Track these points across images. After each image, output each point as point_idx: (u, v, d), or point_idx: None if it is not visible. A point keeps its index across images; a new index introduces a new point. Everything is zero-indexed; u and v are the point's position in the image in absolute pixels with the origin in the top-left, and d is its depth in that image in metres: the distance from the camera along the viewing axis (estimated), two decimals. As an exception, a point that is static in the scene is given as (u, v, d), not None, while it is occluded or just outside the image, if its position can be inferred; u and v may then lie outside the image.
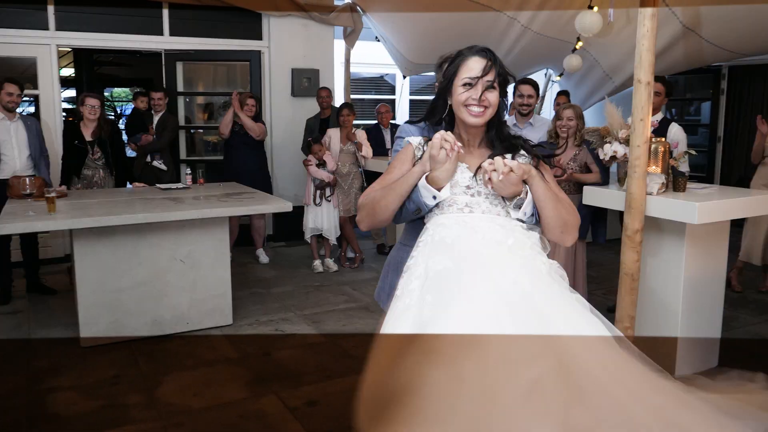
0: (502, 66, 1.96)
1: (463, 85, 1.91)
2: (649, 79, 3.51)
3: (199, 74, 7.38)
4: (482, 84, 1.89)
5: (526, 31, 6.99)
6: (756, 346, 4.32)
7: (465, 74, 1.91)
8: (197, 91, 7.50)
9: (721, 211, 3.54)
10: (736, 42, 6.43)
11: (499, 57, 2.04)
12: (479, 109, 1.90)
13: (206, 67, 7.30)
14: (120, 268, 4.25)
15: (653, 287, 3.83)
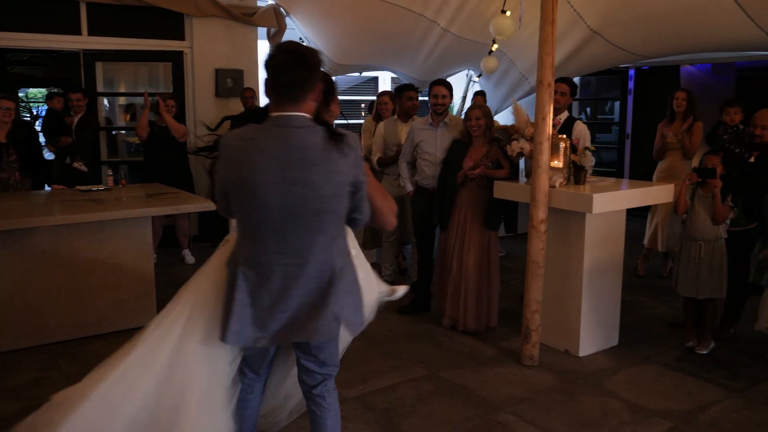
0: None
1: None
2: (549, 80, 3.80)
3: (119, 74, 7.29)
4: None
5: (446, 34, 7.27)
6: (655, 327, 4.70)
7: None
8: (118, 91, 7.40)
9: (615, 202, 3.88)
10: (639, 45, 6.90)
11: (420, 60, 2.44)
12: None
13: (127, 68, 7.22)
14: (39, 271, 4.21)
15: (558, 274, 4.13)
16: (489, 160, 4.36)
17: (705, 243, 4.05)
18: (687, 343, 4.24)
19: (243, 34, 7.08)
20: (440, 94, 4.56)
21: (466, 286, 4.40)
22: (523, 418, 3.33)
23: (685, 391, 3.64)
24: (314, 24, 7.35)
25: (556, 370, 3.92)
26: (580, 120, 5.02)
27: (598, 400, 3.54)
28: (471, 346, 4.31)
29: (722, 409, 3.43)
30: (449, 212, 4.45)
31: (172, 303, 2.40)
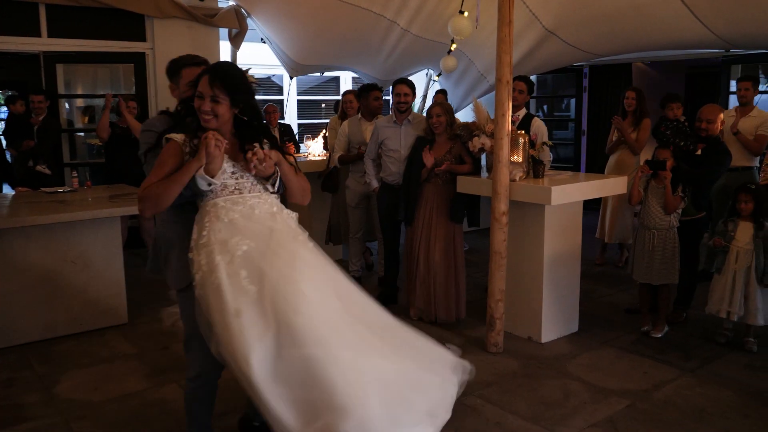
0: (228, 82, 2.37)
1: (196, 96, 2.37)
2: (508, 78, 3.97)
3: (80, 76, 7.23)
4: (207, 98, 2.34)
5: (406, 34, 7.42)
6: (612, 313, 4.92)
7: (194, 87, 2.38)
8: (79, 93, 7.34)
9: (572, 194, 4.07)
10: (592, 44, 7.17)
11: (381, 59, 2.63)
12: (208, 116, 2.36)
13: (88, 70, 7.17)
14: (7, 273, 4.20)
15: (520, 264, 4.30)
16: (452, 156, 4.52)
17: (658, 231, 4.27)
18: (642, 327, 4.47)
19: (205, 35, 7.09)
20: (403, 93, 4.70)
21: (434, 279, 4.54)
22: (490, 400, 3.49)
23: (641, 372, 3.85)
24: (275, 25, 7.41)
25: (520, 355, 4.09)
26: (538, 117, 5.21)
27: (559, 382, 3.72)
28: (439, 336, 4.36)
29: (676, 387, 3.65)
30: (414, 207, 4.59)
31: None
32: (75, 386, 3.70)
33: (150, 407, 3.44)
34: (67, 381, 3.77)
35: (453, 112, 4.60)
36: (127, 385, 3.70)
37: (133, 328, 4.63)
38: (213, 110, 2.34)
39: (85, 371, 3.91)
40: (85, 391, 3.63)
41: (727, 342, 4.24)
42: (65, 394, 3.61)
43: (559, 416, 3.32)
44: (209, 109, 2.33)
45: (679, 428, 3.20)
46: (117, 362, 4.04)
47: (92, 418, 3.33)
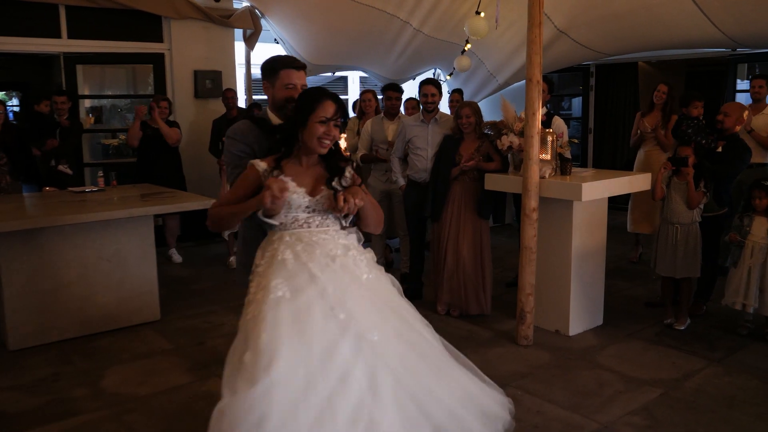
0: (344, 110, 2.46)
1: (319, 122, 2.34)
2: (538, 78, 4.08)
3: (99, 77, 7.28)
4: (332, 123, 2.37)
5: (418, 34, 7.52)
6: (633, 307, 5.05)
7: (321, 114, 2.35)
8: (99, 94, 7.39)
9: (601, 190, 4.19)
10: (602, 44, 7.31)
11: (392, 59, 2.67)
12: (328, 142, 2.39)
13: (107, 70, 7.22)
14: (46, 271, 4.26)
15: (548, 258, 4.41)
16: (480, 154, 4.62)
17: (681, 226, 4.40)
18: (665, 320, 4.59)
19: (220, 35, 7.17)
20: (430, 93, 4.80)
21: (463, 274, 4.64)
22: (528, 391, 3.59)
23: (670, 362, 3.97)
24: (289, 25, 7.49)
25: (550, 348, 4.21)
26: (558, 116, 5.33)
27: (592, 372, 3.84)
28: (468, 330, 4.56)
29: (705, 376, 3.77)
30: (442, 204, 4.69)
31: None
32: (120, 380, 3.77)
33: (200, 400, 3.51)
34: (112, 375, 3.84)
35: (480, 113, 4.71)
36: (171, 379, 3.78)
37: (166, 324, 4.70)
38: (334, 136, 2.39)
39: (127, 366, 3.98)
40: (132, 385, 3.71)
41: (749, 333, 4.38)
42: (112, 388, 3.68)
43: (597, 405, 3.43)
44: (334, 135, 2.38)
45: (713, 415, 3.32)
46: (156, 357, 4.12)
47: (142, 411, 3.40)
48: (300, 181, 2.39)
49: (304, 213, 2.38)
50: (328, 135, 2.36)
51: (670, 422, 3.24)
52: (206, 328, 4.63)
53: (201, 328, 4.62)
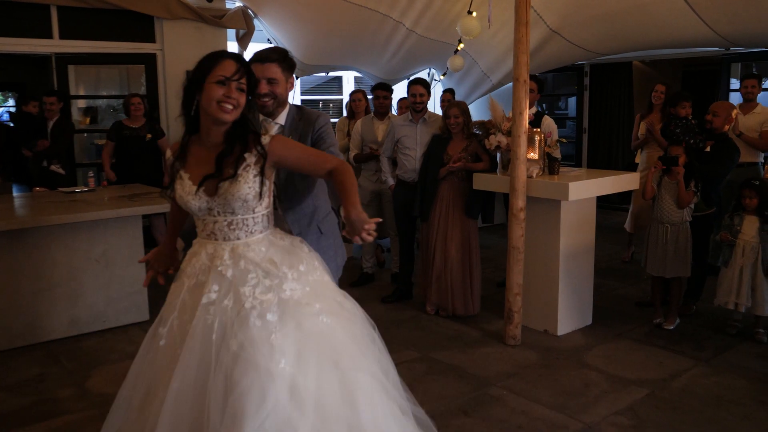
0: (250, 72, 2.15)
1: (217, 82, 2.03)
2: (525, 77, 4.08)
3: (91, 77, 7.27)
4: (236, 85, 2.06)
5: (411, 34, 7.51)
6: (624, 306, 5.04)
7: (219, 72, 2.04)
8: (89, 94, 7.39)
9: (588, 189, 4.18)
10: (595, 43, 7.30)
11: (385, 59, 2.53)
12: (230, 106, 2.05)
13: (100, 70, 7.22)
14: (34, 271, 4.26)
15: (536, 258, 4.41)
16: (468, 153, 4.62)
17: (671, 226, 4.39)
18: (654, 319, 4.59)
19: (213, 36, 7.15)
20: (418, 93, 4.80)
21: (451, 274, 4.64)
22: (513, 390, 3.59)
23: (657, 362, 3.97)
24: (282, 25, 7.49)
25: (538, 347, 4.20)
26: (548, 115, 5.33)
27: (579, 372, 3.83)
28: (456, 330, 4.56)
29: (692, 376, 3.77)
30: (430, 204, 4.69)
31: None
32: (106, 381, 3.77)
33: (183, 401, 3.51)
34: (98, 376, 3.84)
35: (469, 113, 4.70)
36: (157, 380, 3.77)
37: (155, 325, 4.69)
38: (238, 101, 2.14)
39: (113, 366, 3.98)
40: (117, 386, 3.65)
41: (737, 333, 4.37)
42: (98, 388, 3.68)
43: (582, 405, 3.43)
44: (238, 99, 2.12)
45: (699, 415, 3.31)
46: (144, 358, 4.11)
47: (127, 412, 3.39)
48: (197, 172, 2.12)
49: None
50: (229, 98, 2.03)
51: (656, 422, 3.23)
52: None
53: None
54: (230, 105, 2.05)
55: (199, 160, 2.15)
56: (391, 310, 4.95)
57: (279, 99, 2.59)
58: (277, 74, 2.54)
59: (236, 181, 2.06)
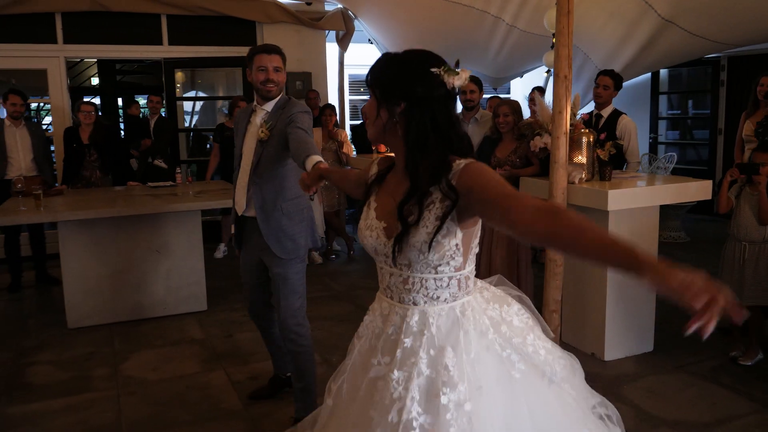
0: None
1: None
2: (566, 73, 3.70)
3: (198, 80, 7.84)
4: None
5: (513, 30, 7.15)
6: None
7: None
8: (194, 96, 7.97)
9: (634, 198, 3.70)
10: (718, 32, 6.43)
11: (490, 57, 2.26)
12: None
13: (204, 73, 7.76)
14: (100, 258, 4.67)
15: (582, 273, 3.99)
16: (517, 156, 4.30)
17: (750, 245, 3.76)
18: (731, 352, 3.95)
19: (311, 37, 7.37)
20: (469, 90, 4.55)
21: (494, 285, 4.35)
22: (521, 417, 3.27)
23: (709, 403, 3.41)
24: (381, 25, 7.51)
25: (576, 372, 3.79)
26: (625, 114, 4.80)
27: (607, 404, 3.40)
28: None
29: (743, 424, 3.18)
30: (478, 209, 4.42)
31: None
32: (139, 365, 4.03)
33: (193, 390, 3.66)
34: (135, 359, 4.12)
35: (521, 112, 4.37)
36: (181, 368, 3.96)
37: (210, 315, 4.94)
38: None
39: (153, 351, 4.25)
40: (145, 370, 3.95)
41: (830, 377, 3.63)
42: (128, 371, 3.95)
43: (589, 441, 3.04)
44: None
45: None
46: (183, 345, 4.34)
47: (140, 395, 3.61)
48: (385, 204, 1.69)
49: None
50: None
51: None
52: (242, 321, 4.79)
53: (237, 322, 4.78)
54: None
55: (393, 188, 1.68)
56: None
57: (280, 86, 3.00)
58: (281, 64, 2.97)
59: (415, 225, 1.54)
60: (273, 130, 2.92)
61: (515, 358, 1.60)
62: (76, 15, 6.44)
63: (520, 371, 1.60)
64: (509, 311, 1.68)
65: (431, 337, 1.57)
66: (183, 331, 4.62)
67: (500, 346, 1.60)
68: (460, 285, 1.61)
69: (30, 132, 5.60)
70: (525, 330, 1.67)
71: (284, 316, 3.06)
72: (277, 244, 3.00)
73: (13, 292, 5.63)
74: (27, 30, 6.35)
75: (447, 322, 1.59)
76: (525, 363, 1.61)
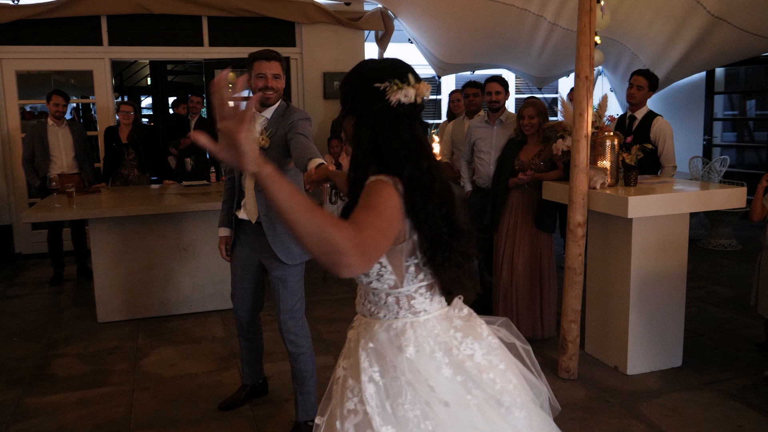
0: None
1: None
2: (587, 73, 3.55)
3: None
4: None
5: (555, 28, 6.95)
6: (739, 350, 4.15)
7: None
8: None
9: (658, 205, 3.51)
10: (771, 29, 6.07)
11: (533, 56, 2.15)
12: None
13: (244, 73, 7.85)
14: (129, 255, 4.80)
15: (606, 282, 3.82)
16: (541, 159, 4.15)
17: (787, 256, 3.52)
18: (766, 371, 3.70)
19: (350, 38, 7.36)
20: (494, 91, 4.42)
21: (516, 292, 4.23)
22: (528, 430, 3.16)
23: (734, 425, 3.19)
24: (420, 25, 7.43)
25: (594, 385, 3.64)
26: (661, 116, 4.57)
27: (621, 422, 3.24)
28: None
29: (768, 447, 2.98)
30: (500, 213, 4.31)
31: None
32: (157, 361, 4.11)
33: (203, 388, 3.70)
34: (154, 355, 4.20)
35: (547, 113, 4.22)
36: (196, 366, 4.02)
37: (234, 313, 4.98)
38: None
39: (173, 348, 4.32)
40: (162, 367, 4.02)
41: None
42: (146, 367, 4.03)
43: (596, 460, 2.90)
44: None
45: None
46: (203, 343, 4.40)
47: (153, 391, 3.67)
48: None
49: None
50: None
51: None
52: (266, 320, 4.78)
53: (261, 321, 4.80)
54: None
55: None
56: (460, 324, 4.66)
57: (279, 93, 3.01)
58: (280, 71, 2.98)
59: None
60: (273, 137, 2.92)
61: (470, 385, 1.54)
62: (121, 18, 6.64)
63: (475, 396, 1.53)
64: (473, 345, 1.59)
65: (374, 350, 1.55)
66: (206, 329, 4.68)
67: (453, 369, 1.53)
68: (400, 304, 1.56)
69: (71, 131, 5.80)
70: (485, 366, 1.57)
71: (284, 317, 3.05)
72: (284, 250, 2.99)
73: (55, 285, 5.85)
74: (74, 33, 6.59)
75: (385, 338, 1.55)
76: (480, 389, 1.54)
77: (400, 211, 1.42)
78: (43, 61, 6.66)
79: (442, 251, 1.48)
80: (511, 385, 1.59)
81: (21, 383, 3.82)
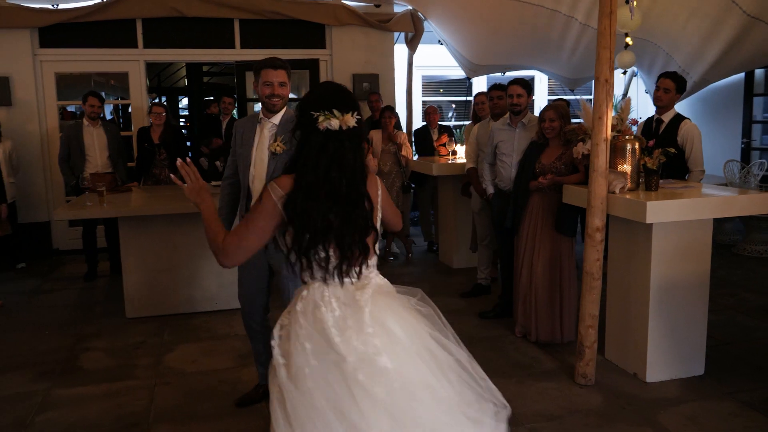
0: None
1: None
2: (607, 76, 3.50)
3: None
4: None
5: (586, 29, 6.85)
6: (762, 354, 4.05)
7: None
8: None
9: (674, 211, 3.44)
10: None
11: (564, 57, 2.33)
12: None
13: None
14: (157, 253, 4.92)
15: (626, 288, 3.78)
16: (562, 162, 4.12)
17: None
18: (793, 381, 3.61)
19: (379, 39, 7.40)
20: (515, 93, 4.40)
21: (535, 295, 4.21)
22: (539, 435, 3.15)
23: (753, 435, 3.13)
24: (450, 26, 7.41)
25: (611, 392, 3.59)
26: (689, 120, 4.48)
27: (636, 430, 3.20)
28: (533, 357, 4.11)
29: (786, 460, 2.90)
30: (521, 216, 4.29)
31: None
32: (180, 356, 4.22)
33: (223, 384, 3.78)
34: (178, 351, 4.31)
35: (569, 116, 4.19)
36: (217, 362, 4.11)
37: (258, 311, 5.07)
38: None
39: (196, 345, 4.42)
40: (185, 362, 4.13)
41: None
42: (169, 362, 4.13)
43: (606, 468, 2.88)
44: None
45: None
46: (225, 340, 4.50)
47: (174, 386, 3.78)
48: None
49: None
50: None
51: None
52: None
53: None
54: None
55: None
56: (480, 327, 4.65)
57: (285, 100, 3.12)
58: (287, 79, 3.10)
59: None
60: (286, 143, 2.99)
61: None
62: (155, 21, 6.81)
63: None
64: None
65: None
66: (229, 326, 4.78)
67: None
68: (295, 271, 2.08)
69: (106, 131, 5.98)
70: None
71: None
72: None
73: (88, 281, 6.04)
74: (110, 35, 6.78)
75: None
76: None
77: (273, 209, 1.93)
78: (80, 63, 6.89)
79: (311, 240, 1.92)
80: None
81: (51, 375, 3.96)
